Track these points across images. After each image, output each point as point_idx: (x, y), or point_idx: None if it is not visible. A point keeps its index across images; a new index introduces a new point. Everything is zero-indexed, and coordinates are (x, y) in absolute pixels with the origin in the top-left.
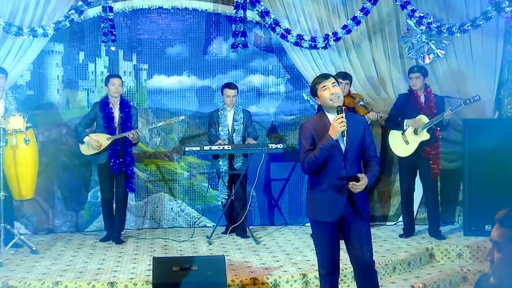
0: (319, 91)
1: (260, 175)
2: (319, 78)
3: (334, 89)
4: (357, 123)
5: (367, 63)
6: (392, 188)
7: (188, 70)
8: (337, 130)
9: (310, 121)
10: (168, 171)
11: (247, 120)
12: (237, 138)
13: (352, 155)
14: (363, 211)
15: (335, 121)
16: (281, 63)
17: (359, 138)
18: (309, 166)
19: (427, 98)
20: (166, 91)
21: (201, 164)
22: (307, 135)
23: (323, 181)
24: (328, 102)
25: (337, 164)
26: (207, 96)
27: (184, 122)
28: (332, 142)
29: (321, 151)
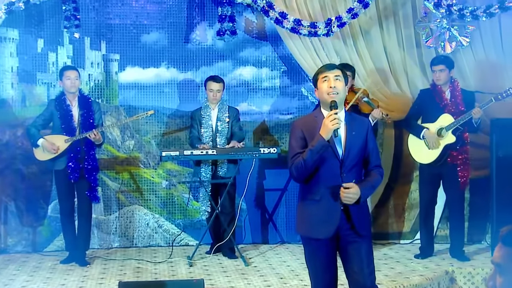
0: (319, 82)
1: (251, 184)
2: (322, 67)
3: (336, 82)
4: (359, 125)
5: (377, 53)
6: (407, 200)
7: (167, 61)
8: (329, 129)
9: (303, 119)
10: (143, 180)
11: (233, 119)
12: (221, 141)
13: (351, 160)
14: (363, 227)
15: (326, 118)
16: (276, 53)
17: (360, 142)
18: (297, 171)
19: (453, 93)
20: (141, 85)
21: (182, 172)
22: (297, 135)
23: (315, 190)
24: (325, 95)
25: (332, 170)
26: (190, 91)
27: (163, 123)
28: (322, 142)
29: (311, 153)
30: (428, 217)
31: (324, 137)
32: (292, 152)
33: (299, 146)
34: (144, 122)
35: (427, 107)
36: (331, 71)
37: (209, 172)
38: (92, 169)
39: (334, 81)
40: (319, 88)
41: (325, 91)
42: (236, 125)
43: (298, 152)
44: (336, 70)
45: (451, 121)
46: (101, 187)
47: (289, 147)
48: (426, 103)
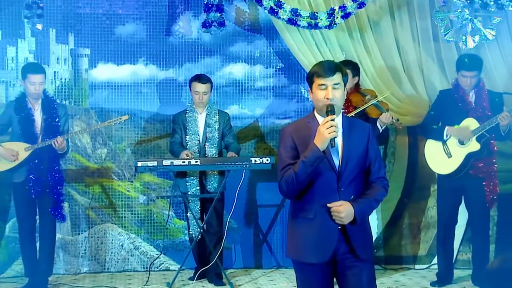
0: (315, 87)
1: (241, 199)
2: (320, 68)
3: (334, 92)
4: (359, 131)
5: (388, 48)
6: (424, 218)
7: (145, 57)
8: (324, 138)
9: (294, 125)
10: (118, 194)
11: (224, 126)
12: (211, 150)
13: (349, 173)
14: (364, 250)
15: (322, 125)
16: (272, 48)
17: (360, 150)
18: (287, 186)
19: (478, 95)
20: (115, 85)
21: (163, 185)
22: (288, 144)
23: (308, 208)
24: (320, 104)
25: (328, 184)
26: (172, 92)
27: (140, 128)
28: (317, 153)
29: (303, 165)
30: (447, 238)
31: (319, 147)
32: (281, 163)
33: (290, 157)
34: (118, 127)
35: (447, 110)
36: (330, 78)
37: (195, 186)
38: (56, 182)
39: (332, 91)
40: (315, 94)
41: (321, 100)
42: (229, 133)
43: (288, 163)
44: (336, 76)
45: (476, 126)
46: (68, 203)
47: (278, 158)
48: (447, 106)
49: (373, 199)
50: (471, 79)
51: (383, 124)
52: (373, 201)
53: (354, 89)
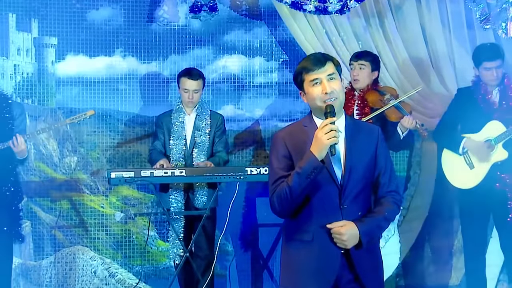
0: (307, 85)
1: (237, 217)
2: (307, 61)
3: (331, 84)
4: (365, 135)
5: (413, 37)
6: (456, 240)
7: (123, 48)
8: (323, 144)
9: (288, 129)
10: (90, 211)
11: (216, 129)
12: (200, 158)
13: (354, 186)
14: (372, 278)
15: (319, 129)
16: (274, 37)
17: (367, 159)
18: (280, 202)
19: (503, 93)
20: (87, 81)
21: (144, 200)
22: (280, 153)
23: (305, 228)
24: (318, 103)
25: (329, 200)
26: (155, 89)
27: (117, 132)
28: (314, 163)
29: (298, 178)
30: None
31: (316, 156)
32: (273, 176)
33: (283, 168)
34: (90, 131)
35: (467, 112)
36: (322, 70)
37: (180, 201)
38: (12, 195)
39: (328, 84)
40: (309, 94)
41: (319, 98)
42: (219, 140)
43: (281, 176)
44: (328, 66)
45: (502, 130)
46: (30, 221)
47: (269, 169)
48: (466, 107)
49: (382, 218)
50: (497, 71)
51: (404, 129)
52: (382, 220)
53: (371, 86)
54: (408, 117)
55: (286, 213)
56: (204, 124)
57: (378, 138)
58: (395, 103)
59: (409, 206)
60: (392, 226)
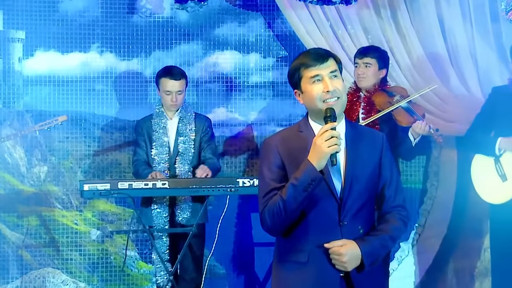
0: (305, 83)
1: (229, 235)
2: (307, 56)
3: (333, 83)
4: (368, 142)
5: (429, 30)
6: (479, 261)
7: (100, 43)
8: (323, 153)
9: (281, 135)
10: (62, 228)
11: (202, 135)
12: (183, 168)
13: (355, 200)
14: None
15: (318, 136)
16: (272, 30)
17: (370, 169)
18: (272, 218)
19: None
20: (59, 80)
21: (123, 216)
22: (272, 161)
23: (299, 248)
24: (318, 103)
25: (327, 216)
26: (136, 89)
27: (93, 138)
28: (313, 174)
29: (294, 190)
30: None
31: (315, 166)
32: (264, 188)
33: (275, 179)
34: (63, 137)
35: (503, 114)
36: (324, 66)
37: (164, 217)
38: None
39: (331, 81)
40: (307, 92)
41: (320, 97)
42: (207, 146)
43: (273, 188)
44: (330, 62)
45: None
46: None
47: (259, 181)
48: (502, 108)
49: (388, 237)
50: None
51: (416, 135)
52: (388, 240)
53: (379, 86)
54: (421, 121)
55: (278, 231)
56: (188, 129)
57: (382, 146)
58: (403, 103)
59: (425, 223)
60: (406, 246)
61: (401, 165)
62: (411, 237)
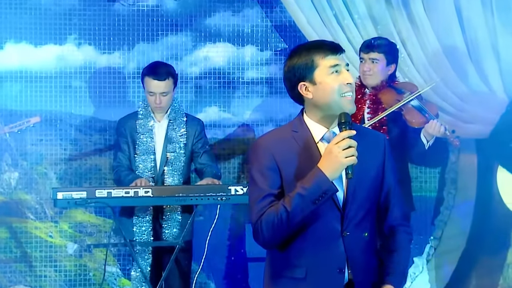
0: (321, 72)
1: (220, 249)
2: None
3: (350, 75)
4: (369, 145)
5: (446, 21)
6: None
7: (77, 34)
8: (339, 163)
9: (273, 135)
10: (35, 242)
11: (195, 140)
12: (172, 179)
13: (358, 209)
14: None
15: (335, 144)
16: (270, 20)
17: (372, 174)
18: (271, 230)
19: None
20: (31, 75)
21: (104, 227)
22: (264, 164)
23: (297, 263)
24: (336, 97)
25: (328, 227)
26: (117, 86)
27: (69, 141)
28: (325, 185)
29: (302, 201)
30: None
31: (328, 177)
32: (256, 194)
33: (270, 184)
34: (36, 139)
35: None
36: (342, 56)
37: (147, 229)
38: None
39: (347, 74)
40: (323, 84)
41: (339, 89)
42: (203, 153)
43: (268, 193)
44: (344, 55)
45: None
46: None
47: (250, 186)
48: None
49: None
50: None
51: (430, 136)
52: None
53: (387, 83)
54: (434, 121)
55: (274, 243)
56: (179, 134)
57: (385, 148)
58: (411, 97)
59: (441, 236)
60: (420, 261)
61: (414, 171)
62: (426, 252)
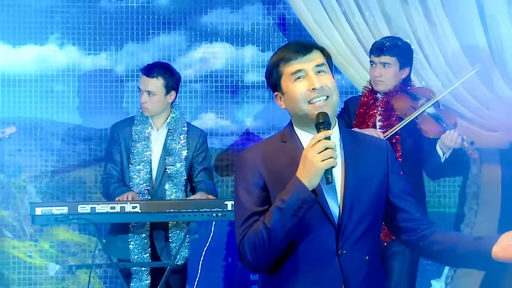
0: (285, 80)
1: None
2: (287, 49)
3: (321, 78)
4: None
5: (467, 19)
6: None
7: (59, 33)
8: (316, 168)
9: (260, 148)
10: (13, 262)
11: (196, 153)
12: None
13: (357, 224)
14: None
15: (309, 148)
16: (272, 17)
17: (374, 185)
18: (253, 252)
19: None
20: (9, 79)
21: (88, 246)
22: (250, 180)
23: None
24: (302, 105)
25: (322, 245)
26: (105, 91)
27: (51, 151)
28: (303, 195)
29: (280, 215)
30: None
31: (306, 184)
32: (241, 213)
33: (255, 201)
34: (14, 149)
35: None
36: (307, 59)
37: (140, 249)
38: None
39: (317, 77)
40: (289, 92)
41: (304, 97)
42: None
43: (253, 212)
44: (315, 54)
45: None
46: None
47: (235, 204)
48: None
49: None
50: None
51: (446, 148)
52: None
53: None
54: (451, 131)
55: (261, 266)
56: (180, 146)
57: (387, 156)
58: (427, 106)
59: None
60: (439, 284)
61: (432, 184)
62: (445, 274)
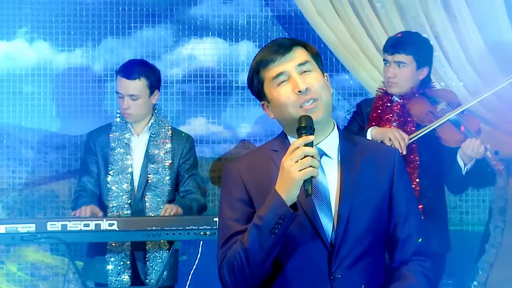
0: (268, 86)
1: None
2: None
3: (306, 78)
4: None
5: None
6: None
7: (29, 27)
8: (293, 179)
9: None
10: None
11: (182, 160)
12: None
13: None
14: None
15: (287, 156)
16: (271, 9)
17: (375, 201)
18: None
19: None
20: None
21: (61, 269)
22: (234, 195)
23: None
24: (292, 112)
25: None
26: (81, 92)
27: (20, 161)
28: (280, 210)
29: (258, 234)
30: None
31: (284, 198)
32: (224, 231)
33: (239, 218)
34: None
35: None
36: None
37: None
38: None
39: (302, 78)
40: (274, 100)
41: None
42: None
43: (236, 232)
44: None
45: None
46: None
47: (219, 221)
48: None
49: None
50: None
51: (467, 158)
52: None
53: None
54: (473, 139)
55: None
56: (163, 152)
57: (394, 167)
58: (452, 115)
59: (486, 281)
60: None
61: (453, 199)
62: None
